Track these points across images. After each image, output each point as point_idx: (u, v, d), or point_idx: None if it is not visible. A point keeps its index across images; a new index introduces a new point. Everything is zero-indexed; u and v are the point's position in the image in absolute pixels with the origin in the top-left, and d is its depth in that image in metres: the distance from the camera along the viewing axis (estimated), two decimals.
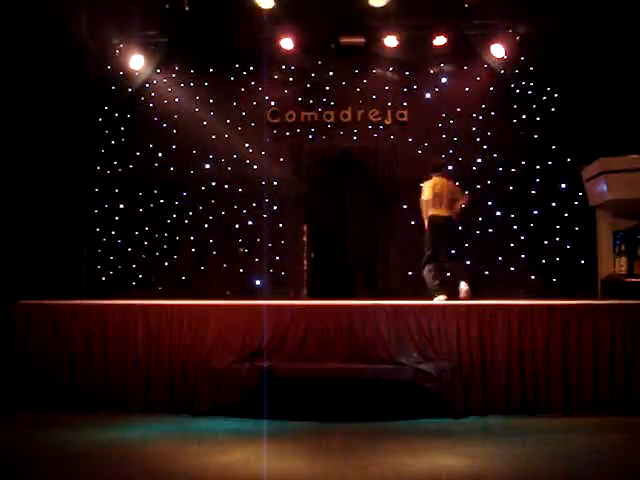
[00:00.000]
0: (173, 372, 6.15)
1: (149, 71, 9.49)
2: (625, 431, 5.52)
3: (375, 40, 9.20)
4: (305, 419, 5.70)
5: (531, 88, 9.36)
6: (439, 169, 7.65)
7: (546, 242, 9.14)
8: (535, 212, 9.22)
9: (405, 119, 9.50)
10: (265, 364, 5.92)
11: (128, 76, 9.48)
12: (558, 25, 8.72)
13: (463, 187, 9.22)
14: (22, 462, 4.74)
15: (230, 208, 9.39)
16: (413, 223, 9.32)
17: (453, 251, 7.71)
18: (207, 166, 9.56)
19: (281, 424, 5.60)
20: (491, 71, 9.33)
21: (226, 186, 9.44)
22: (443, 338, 6.10)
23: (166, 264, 9.39)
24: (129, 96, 9.60)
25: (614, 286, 7.80)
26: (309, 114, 9.56)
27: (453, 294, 7.16)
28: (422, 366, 5.82)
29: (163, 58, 9.50)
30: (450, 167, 9.34)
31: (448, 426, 5.58)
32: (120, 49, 9.25)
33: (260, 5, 8.23)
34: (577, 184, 8.40)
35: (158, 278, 9.35)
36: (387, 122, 9.49)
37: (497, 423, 5.74)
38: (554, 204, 9.18)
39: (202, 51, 9.48)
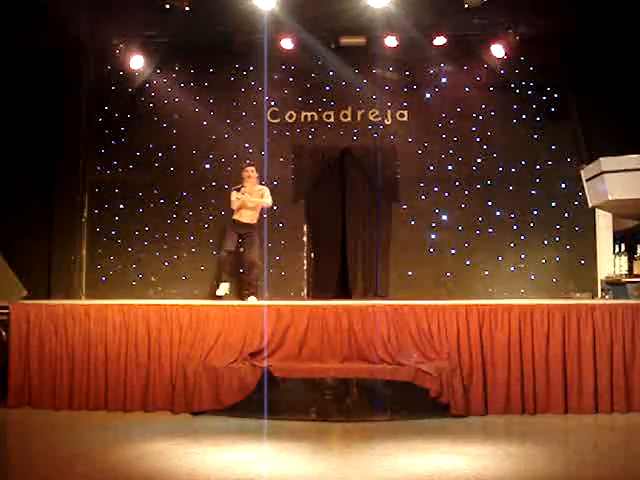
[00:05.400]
0: (173, 372, 6.16)
1: (149, 71, 9.47)
2: (625, 431, 5.52)
3: (375, 40, 9.19)
4: (305, 419, 5.71)
5: (531, 88, 9.36)
6: None
7: (546, 242, 9.14)
8: (535, 212, 9.22)
9: (405, 119, 9.48)
10: (265, 364, 5.92)
11: (128, 76, 9.47)
12: (558, 25, 8.71)
13: (463, 187, 9.31)
14: (22, 462, 4.74)
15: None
16: (413, 223, 9.35)
17: None
18: (207, 166, 9.55)
19: (281, 424, 5.61)
20: (491, 71, 9.32)
21: (226, 186, 9.42)
22: (443, 338, 6.11)
23: (166, 264, 9.39)
24: (129, 96, 9.58)
25: (614, 286, 7.80)
26: (309, 114, 9.55)
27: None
28: (422, 366, 5.82)
29: (163, 58, 9.48)
30: (450, 167, 9.38)
31: (448, 426, 5.58)
32: (120, 49, 9.23)
33: (260, 5, 8.22)
34: (577, 184, 8.40)
35: (158, 278, 9.35)
36: (387, 122, 9.48)
37: (497, 423, 5.75)
38: (554, 204, 9.18)
39: (202, 51, 9.46)
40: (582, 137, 9.00)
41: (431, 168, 9.36)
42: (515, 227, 9.20)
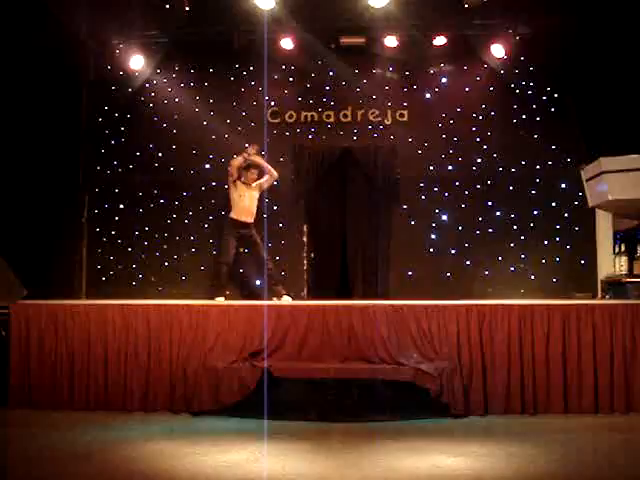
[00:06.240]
0: (173, 372, 6.16)
1: (149, 71, 9.48)
2: (625, 431, 5.52)
3: (375, 40, 9.19)
4: (305, 419, 5.71)
5: (531, 88, 9.36)
6: None
7: (546, 242, 9.14)
8: (535, 212, 9.21)
9: (405, 119, 9.48)
10: (265, 364, 5.92)
11: (128, 76, 9.47)
12: (558, 25, 8.72)
13: (463, 187, 9.31)
14: (22, 462, 4.74)
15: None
16: (413, 223, 9.35)
17: None
18: (207, 166, 9.56)
19: (281, 424, 5.61)
20: (491, 71, 9.32)
21: (226, 186, 9.42)
22: (443, 338, 6.11)
23: (166, 264, 9.39)
24: (129, 96, 9.59)
25: (614, 286, 7.80)
26: (309, 114, 9.55)
27: None
28: (422, 366, 5.83)
29: (163, 58, 9.48)
30: (450, 167, 9.38)
31: (448, 426, 5.59)
32: (120, 49, 9.24)
33: (260, 5, 8.22)
34: (577, 184, 8.40)
35: (158, 278, 9.35)
36: (387, 122, 9.48)
37: (497, 423, 5.75)
38: (554, 204, 9.17)
39: (202, 51, 9.46)
40: (582, 137, 9.00)
41: (431, 168, 9.36)
42: (515, 227, 9.20)
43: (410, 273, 9.20)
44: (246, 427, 5.61)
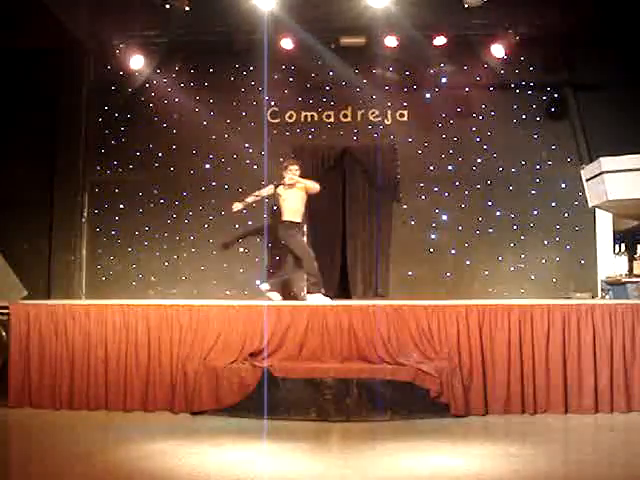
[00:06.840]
0: (173, 372, 6.16)
1: (149, 71, 9.48)
2: (625, 431, 5.53)
3: (375, 40, 9.19)
4: (305, 419, 5.71)
5: (531, 88, 9.36)
6: None
7: (546, 242, 9.14)
8: (535, 212, 9.22)
9: (405, 119, 9.49)
10: (265, 364, 5.92)
11: (128, 76, 9.47)
12: (558, 25, 8.72)
13: (463, 187, 9.31)
14: (22, 462, 4.74)
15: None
16: (413, 223, 9.35)
17: None
18: (207, 166, 9.56)
19: (281, 424, 5.61)
20: (491, 71, 9.32)
21: (226, 186, 9.43)
22: (443, 338, 6.10)
23: (166, 264, 9.39)
24: (129, 96, 9.59)
25: (614, 286, 7.80)
26: (309, 114, 9.55)
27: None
28: (422, 366, 5.82)
29: (163, 58, 9.49)
30: (450, 167, 9.38)
31: (448, 426, 5.58)
32: (120, 49, 9.24)
33: (260, 6, 8.22)
34: (577, 184, 8.40)
35: (158, 278, 9.35)
36: (387, 122, 9.48)
37: (497, 423, 5.75)
38: (554, 204, 9.18)
39: (202, 51, 9.47)
40: (582, 137, 9.01)
41: (431, 168, 9.37)
42: (515, 227, 9.20)
43: (410, 273, 9.20)
44: (246, 427, 5.61)
